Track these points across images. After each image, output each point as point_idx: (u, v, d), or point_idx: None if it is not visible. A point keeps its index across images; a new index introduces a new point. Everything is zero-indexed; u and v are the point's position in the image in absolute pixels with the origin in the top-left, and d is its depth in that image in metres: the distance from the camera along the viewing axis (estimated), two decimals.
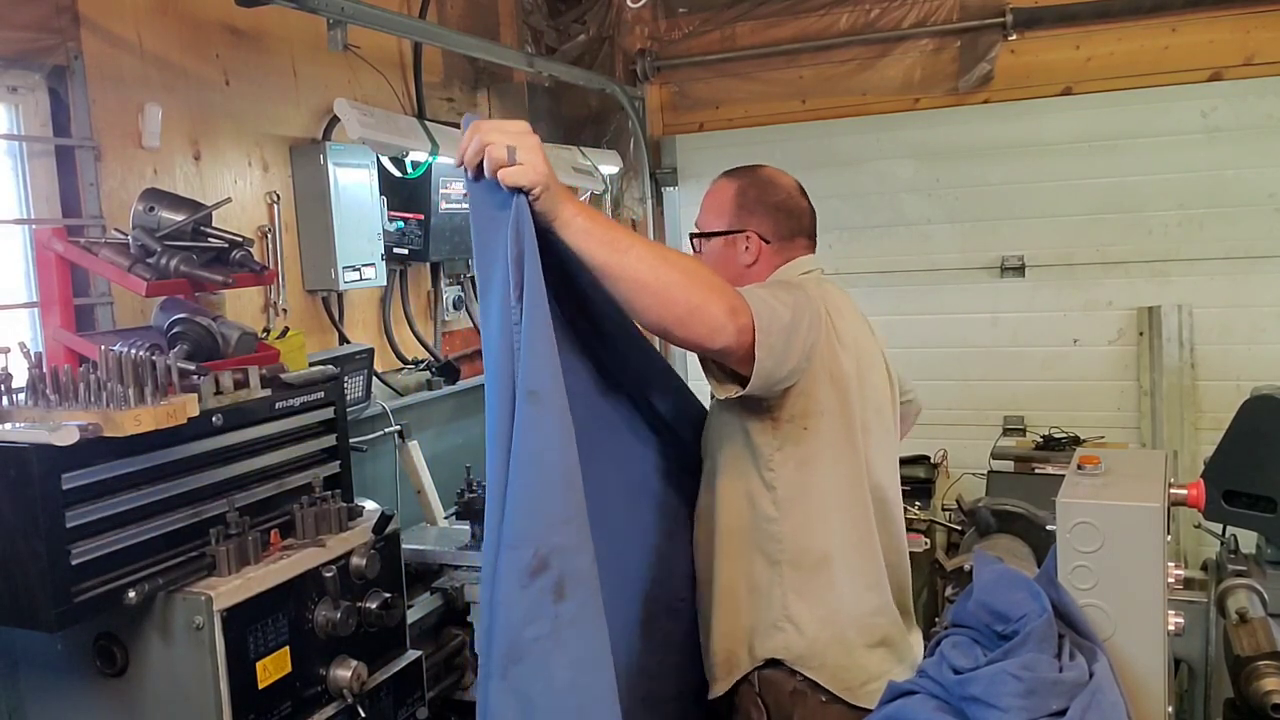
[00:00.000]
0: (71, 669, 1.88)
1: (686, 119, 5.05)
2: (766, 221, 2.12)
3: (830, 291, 2.06)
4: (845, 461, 1.96)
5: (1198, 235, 4.23)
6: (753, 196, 2.14)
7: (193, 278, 2.23)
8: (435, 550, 2.97)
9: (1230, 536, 2.88)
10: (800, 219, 2.17)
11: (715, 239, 2.14)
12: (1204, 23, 4.14)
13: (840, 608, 1.95)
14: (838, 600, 1.95)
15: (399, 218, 3.68)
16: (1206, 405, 4.24)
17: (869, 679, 1.94)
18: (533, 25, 4.78)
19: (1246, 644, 2.28)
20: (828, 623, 1.94)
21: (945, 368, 4.66)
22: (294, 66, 3.35)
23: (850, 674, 1.94)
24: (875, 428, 2.03)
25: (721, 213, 2.15)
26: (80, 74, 2.61)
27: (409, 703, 2.22)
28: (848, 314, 2.05)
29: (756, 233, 2.11)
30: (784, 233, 2.13)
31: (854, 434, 1.96)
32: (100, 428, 1.71)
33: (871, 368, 2.06)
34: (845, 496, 1.97)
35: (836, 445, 1.95)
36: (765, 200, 2.14)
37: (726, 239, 2.12)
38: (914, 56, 4.58)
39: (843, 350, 1.96)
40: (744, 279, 2.03)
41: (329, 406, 2.21)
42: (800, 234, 2.16)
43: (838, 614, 1.95)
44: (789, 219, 2.15)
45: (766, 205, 2.14)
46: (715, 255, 2.13)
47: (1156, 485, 1.87)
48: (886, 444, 2.09)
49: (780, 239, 2.13)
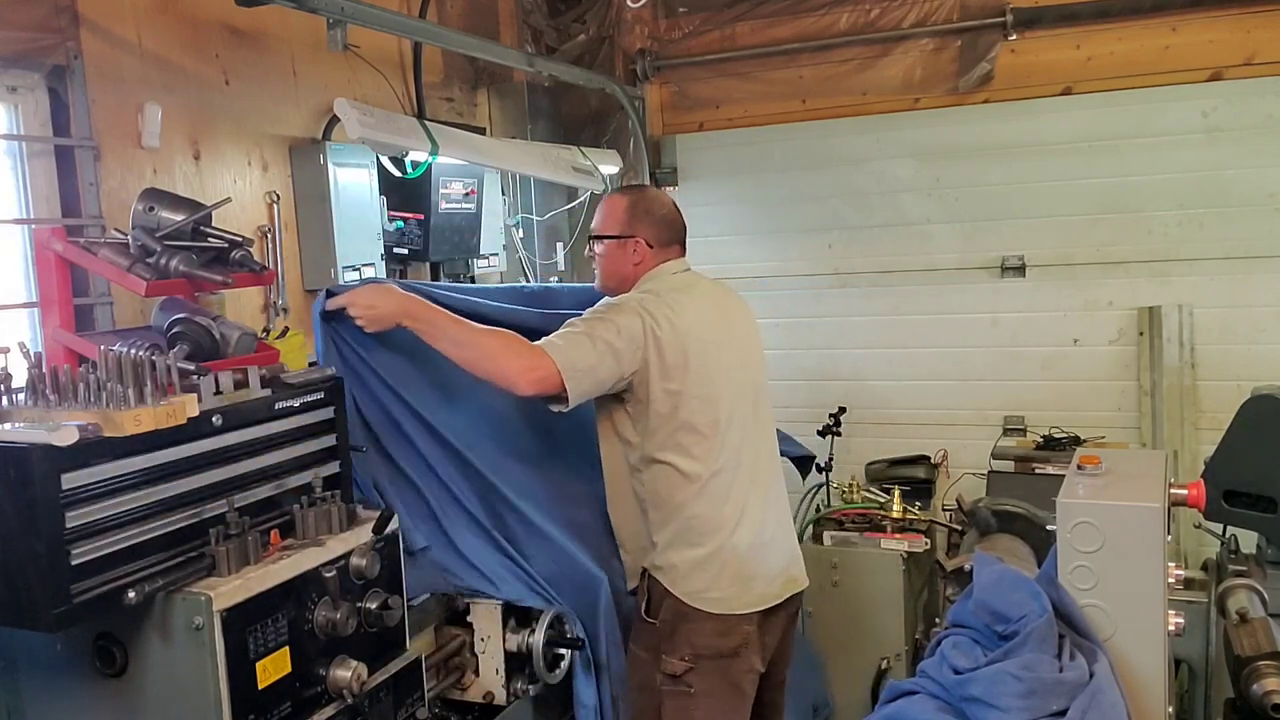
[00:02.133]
0: (71, 669, 1.88)
1: (686, 119, 5.05)
2: (651, 230, 2.70)
3: (681, 293, 2.64)
4: (681, 428, 2.54)
5: (1198, 235, 4.23)
6: (642, 209, 2.72)
7: (193, 278, 2.23)
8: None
9: (1230, 536, 2.88)
10: (676, 230, 2.76)
11: (610, 241, 2.71)
12: (1204, 23, 4.15)
13: (678, 540, 2.58)
14: (679, 533, 2.58)
15: (399, 218, 3.68)
16: (1206, 405, 4.24)
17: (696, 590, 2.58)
18: (533, 25, 4.78)
19: (1246, 644, 2.28)
20: (671, 548, 2.58)
21: (945, 368, 4.66)
22: (294, 66, 3.35)
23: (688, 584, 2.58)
24: (721, 394, 2.60)
25: (616, 221, 2.72)
26: (80, 74, 2.61)
27: (409, 703, 2.22)
28: (692, 309, 2.61)
29: (643, 239, 2.69)
30: (664, 240, 2.71)
31: (688, 404, 2.54)
32: (100, 428, 1.70)
33: (719, 346, 2.63)
34: (687, 451, 2.55)
35: (673, 415, 2.53)
36: (652, 213, 2.72)
37: (619, 242, 2.70)
38: (914, 56, 4.58)
39: (670, 343, 2.52)
40: (633, 274, 2.69)
41: (329, 406, 2.21)
42: (675, 242, 2.75)
43: (678, 544, 2.58)
44: (668, 229, 2.73)
45: (653, 217, 2.71)
46: (609, 255, 2.73)
47: (1156, 485, 1.87)
48: (739, 401, 2.65)
49: (660, 245, 2.70)
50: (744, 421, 2.66)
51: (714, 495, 2.58)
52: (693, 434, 2.56)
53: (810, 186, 4.79)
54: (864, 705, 3.69)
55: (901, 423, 4.71)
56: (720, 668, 2.60)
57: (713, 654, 2.58)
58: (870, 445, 4.59)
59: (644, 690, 2.67)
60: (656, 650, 2.63)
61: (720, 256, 4.94)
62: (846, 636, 3.76)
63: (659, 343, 2.51)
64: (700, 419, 2.56)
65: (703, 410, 2.56)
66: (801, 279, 4.86)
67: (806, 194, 4.80)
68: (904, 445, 4.57)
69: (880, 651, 3.72)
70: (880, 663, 3.71)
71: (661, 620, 2.62)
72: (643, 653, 2.67)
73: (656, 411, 2.54)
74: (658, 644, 2.63)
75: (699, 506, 2.57)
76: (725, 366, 2.64)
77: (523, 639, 2.61)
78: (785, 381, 4.92)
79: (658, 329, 2.51)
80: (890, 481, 4.17)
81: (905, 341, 4.73)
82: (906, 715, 1.71)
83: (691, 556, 2.57)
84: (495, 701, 2.66)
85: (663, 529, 2.60)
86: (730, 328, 2.73)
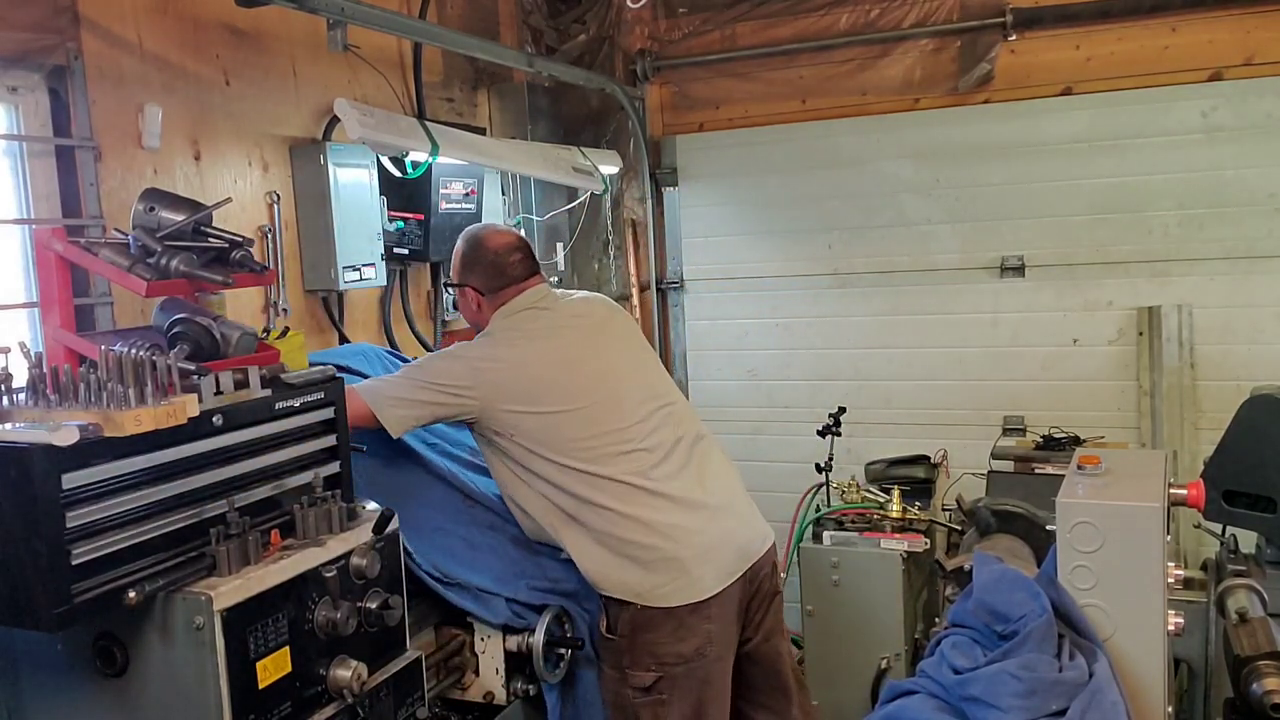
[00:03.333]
0: (71, 669, 1.88)
1: (686, 119, 5.05)
2: (479, 279, 2.83)
3: (517, 330, 2.76)
4: (558, 452, 2.63)
5: (1198, 235, 4.23)
6: (471, 259, 2.86)
7: (193, 278, 2.23)
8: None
9: (1230, 536, 2.88)
10: (505, 272, 2.83)
11: (455, 289, 2.94)
12: (1204, 23, 4.14)
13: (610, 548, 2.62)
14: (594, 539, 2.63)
15: (399, 218, 3.68)
16: (1206, 405, 4.24)
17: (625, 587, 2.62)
18: (533, 25, 4.78)
19: (1246, 644, 2.28)
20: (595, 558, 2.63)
21: (945, 368, 4.66)
22: (294, 66, 3.35)
23: (637, 587, 2.61)
24: (598, 400, 2.69)
25: (455, 270, 2.90)
26: (80, 74, 2.61)
27: (409, 703, 2.22)
28: (533, 340, 2.75)
29: (473, 288, 2.84)
30: (494, 286, 2.82)
31: (555, 435, 2.63)
32: (100, 428, 1.70)
33: (579, 361, 2.74)
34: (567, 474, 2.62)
35: (543, 442, 2.63)
36: (481, 260, 2.84)
37: (460, 290, 2.89)
38: (914, 56, 4.58)
39: (509, 376, 2.66)
40: (478, 318, 2.86)
41: (329, 406, 2.21)
42: (510, 283, 2.83)
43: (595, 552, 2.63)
44: (497, 275, 2.83)
45: (482, 265, 2.84)
46: (460, 302, 2.95)
47: (1156, 485, 1.87)
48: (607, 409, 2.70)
49: (492, 291, 2.82)
50: (645, 415, 2.73)
51: (625, 498, 2.62)
52: (578, 444, 2.63)
53: (810, 187, 4.79)
54: (864, 705, 3.69)
55: (901, 423, 4.71)
56: (687, 671, 2.62)
57: (675, 660, 2.61)
58: (870, 445, 4.59)
59: (619, 709, 2.70)
60: (621, 666, 2.65)
61: (720, 256, 4.94)
62: (846, 636, 3.76)
63: (495, 378, 2.65)
64: (578, 430, 2.64)
65: (578, 421, 2.65)
66: (801, 279, 4.86)
67: (806, 194, 4.80)
68: (904, 445, 4.56)
69: (880, 651, 3.71)
70: (880, 662, 3.70)
71: (620, 635, 2.64)
72: (610, 670, 2.70)
73: (528, 434, 2.63)
74: (620, 659, 2.65)
75: (617, 512, 2.60)
76: (596, 373, 2.74)
77: (523, 639, 2.61)
78: (785, 381, 4.94)
79: (492, 367, 2.67)
80: (890, 481, 4.16)
81: (905, 341, 4.73)
82: (906, 715, 1.71)
83: (619, 564, 2.60)
84: (495, 701, 2.66)
85: (579, 542, 2.64)
86: (592, 340, 2.83)
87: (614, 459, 2.63)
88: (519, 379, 2.66)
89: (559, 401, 2.65)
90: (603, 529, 2.61)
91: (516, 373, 2.66)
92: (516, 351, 2.71)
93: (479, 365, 2.68)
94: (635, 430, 2.69)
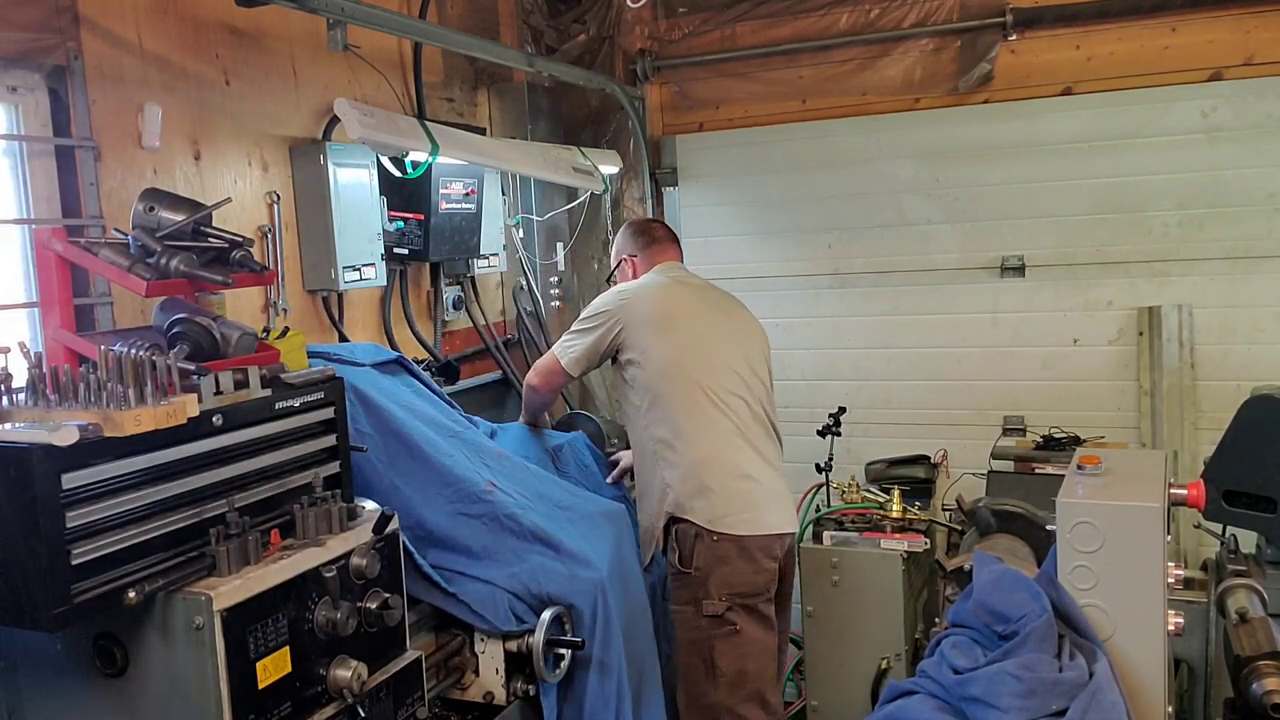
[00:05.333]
0: (71, 669, 1.88)
1: (686, 119, 5.04)
2: (631, 243, 3.51)
3: (660, 289, 3.30)
4: (672, 381, 3.11)
5: (1198, 235, 4.23)
6: (623, 233, 3.57)
7: (193, 278, 2.23)
8: None
9: (1230, 536, 2.88)
10: (651, 233, 3.52)
11: (616, 270, 3.57)
12: (1204, 23, 4.14)
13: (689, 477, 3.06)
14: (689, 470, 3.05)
15: (399, 218, 3.68)
16: (1206, 405, 4.24)
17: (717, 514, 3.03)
18: (533, 25, 4.78)
19: (1246, 644, 2.28)
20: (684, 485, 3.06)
21: (945, 368, 4.66)
22: (294, 66, 3.35)
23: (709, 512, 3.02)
24: (702, 356, 3.17)
25: (614, 253, 3.61)
26: (80, 74, 2.61)
27: (409, 703, 2.22)
28: (668, 300, 3.27)
29: (628, 255, 3.50)
30: (643, 244, 3.48)
31: (673, 363, 3.13)
32: (100, 428, 1.71)
33: (688, 325, 3.22)
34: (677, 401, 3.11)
35: (662, 371, 3.12)
36: (627, 230, 3.56)
37: (619, 267, 3.54)
38: (914, 56, 4.58)
39: (649, 322, 3.17)
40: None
41: (329, 406, 2.21)
42: (655, 243, 3.48)
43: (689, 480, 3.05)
44: (644, 234, 3.51)
45: (629, 231, 3.55)
46: (620, 278, 3.51)
47: (1156, 485, 1.87)
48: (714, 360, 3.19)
49: (643, 250, 3.47)
50: (745, 384, 3.19)
51: (708, 438, 3.07)
52: (689, 382, 3.10)
53: (810, 187, 4.79)
54: (864, 705, 3.69)
55: (901, 423, 4.71)
56: (752, 605, 3.01)
57: (747, 591, 2.99)
58: (870, 445, 4.59)
59: (693, 645, 3.03)
60: (697, 599, 2.99)
61: (720, 256, 4.94)
62: (846, 636, 3.76)
63: (635, 302, 3.20)
64: (691, 369, 3.12)
65: (692, 360, 3.13)
66: (801, 279, 4.86)
67: (806, 194, 4.80)
68: (904, 445, 4.56)
69: (880, 651, 3.71)
70: (880, 663, 3.71)
71: (696, 568, 2.99)
72: (684, 607, 3.04)
73: (652, 361, 3.11)
74: (696, 591, 2.99)
75: (699, 449, 3.05)
76: (719, 334, 3.25)
77: (523, 639, 2.61)
78: (785, 381, 4.91)
79: (634, 294, 3.25)
80: (890, 481, 4.17)
81: (905, 341, 4.73)
82: (906, 715, 1.71)
83: (701, 488, 3.01)
84: (495, 701, 2.66)
85: (673, 469, 3.07)
86: (719, 309, 3.37)
87: (715, 404, 3.09)
88: (653, 311, 3.18)
89: (682, 342, 3.14)
90: (694, 459, 3.04)
91: (652, 305, 3.20)
92: (656, 290, 3.28)
93: (623, 292, 3.28)
94: (738, 388, 3.15)
